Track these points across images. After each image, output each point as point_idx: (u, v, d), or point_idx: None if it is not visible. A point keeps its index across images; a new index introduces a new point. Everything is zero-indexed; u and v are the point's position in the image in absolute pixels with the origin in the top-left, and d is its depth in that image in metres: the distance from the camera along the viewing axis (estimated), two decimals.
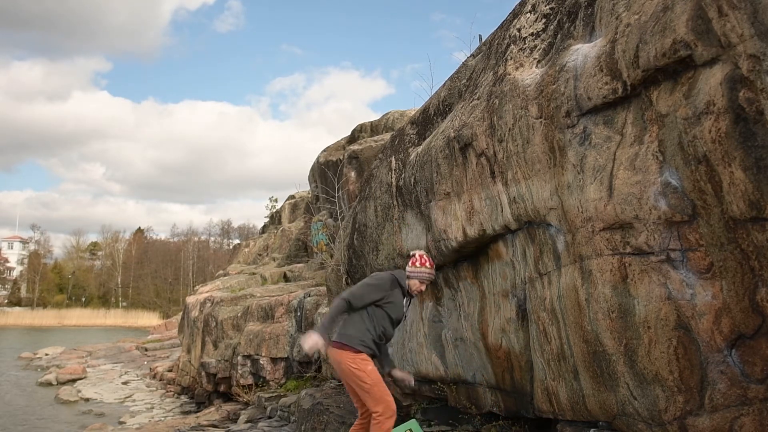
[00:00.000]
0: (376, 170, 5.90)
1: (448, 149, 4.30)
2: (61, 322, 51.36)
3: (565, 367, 3.37)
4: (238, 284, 14.16)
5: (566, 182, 3.16)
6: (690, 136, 2.49)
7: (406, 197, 5.05)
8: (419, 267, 3.94)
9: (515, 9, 4.15)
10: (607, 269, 2.94)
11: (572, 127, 3.10)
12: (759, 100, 2.23)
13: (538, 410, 3.77)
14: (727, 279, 2.49)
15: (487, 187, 3.91)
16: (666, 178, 2.63)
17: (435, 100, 5.25)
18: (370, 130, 13.90)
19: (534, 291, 3.61)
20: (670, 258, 2.66)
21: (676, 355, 2.67)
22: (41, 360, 22.31)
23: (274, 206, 24.38)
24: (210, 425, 8.62)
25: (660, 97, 2.65)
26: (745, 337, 2.48)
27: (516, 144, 3.53)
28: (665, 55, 2.52)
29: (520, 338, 3.87)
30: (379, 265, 5.60)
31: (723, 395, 2.56)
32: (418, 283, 3.95)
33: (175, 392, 13.71)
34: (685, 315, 2.63)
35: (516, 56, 3.76)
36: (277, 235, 18.48)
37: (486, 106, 3.89)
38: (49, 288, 63.52)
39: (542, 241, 3.48)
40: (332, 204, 12.58)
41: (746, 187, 2.31)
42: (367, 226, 5.82)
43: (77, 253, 71.40)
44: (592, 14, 3.19)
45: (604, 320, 2.97)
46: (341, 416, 5.86)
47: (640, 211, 2.74)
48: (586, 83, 2.98)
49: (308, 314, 9.47)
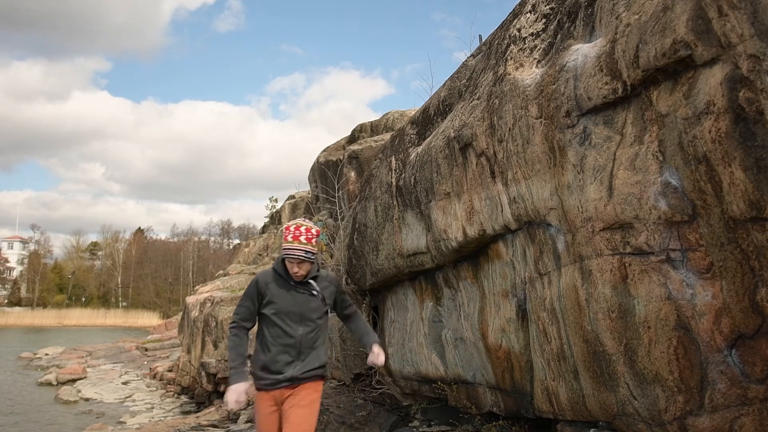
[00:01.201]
0: (376, 170, 5.90)
1: (448, 149, 4.30)
2: (61, 322, 51.38)
3: (565, 367, 3.37)
4: (238, 284, 14.16)
5: (566, 182, 3.16)
6: (690, 136, 2.49)
7: (406, 197, 5.05)
8: (285, 243, 3.20)
9: (515, 9, 4.15)
10: (607, 269, 2.94)
11: (572, 127, 3.10)
12: (759, 100, 2.23)
13: (538, 410, 3.77)
14: (727, 279, 2.49)
15: (487, 187, 3.91)
16: (666, 178, 2.63)
17: (435, 100, 5.25)
18: (370, 130, 13.90)
19: (534, 291, 3.61)
20: (670, 258, 2.66)
21: (676, 355, 2.67)
22: (41, 360, 22.33)
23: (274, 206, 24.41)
24: (210, 425, 8.62)
25: (660, 97, 2.65)
26: (745, 337, 2.48)
27: (516, 144, 3.53)
28: (665, 55, 2.52)
29: (520, 338, 3.87)
30: (379, 265, 5.60)
31: (723, 395, 2.56)
32: (290, 264, 3.19)
33: (175, 392, 13.72)
34: (685, 315, 2.63)
35: (516, 56, 3.76)
36: (277, 235, 18.48)
37: (486, 106, 3.89)
38: (49, 288, 63.52)
39: (542, 241, 3.48)
40: (332, 204, 12.57)
41: (746, 187, 2.31)
42: (367, 226, 5.82)
43: (77, 253, 71.43)
44: (592, 14, 3.19)
45: (604, 320, 2.97)
46: (341, 416, 5.85)
47: (640, 211, 2.74)
48: (586, 83, 2.98)
49: None
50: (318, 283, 3.30)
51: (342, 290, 3.51)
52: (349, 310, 3.52)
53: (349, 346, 6.93)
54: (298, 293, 3.25)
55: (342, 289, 3.51)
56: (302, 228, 3.22)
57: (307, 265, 3.22)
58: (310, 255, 3.20)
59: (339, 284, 3.49)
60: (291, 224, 3.25)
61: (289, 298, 3.23)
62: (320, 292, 3.29)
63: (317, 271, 3.33)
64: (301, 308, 3.24)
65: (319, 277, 3.32)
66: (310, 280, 3.27)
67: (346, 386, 6.95)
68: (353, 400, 6.27)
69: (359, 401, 6.23)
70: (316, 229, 3.27)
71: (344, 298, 3.52)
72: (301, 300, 3.25)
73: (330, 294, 3.37)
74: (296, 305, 3.23)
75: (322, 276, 3.36)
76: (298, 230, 3.20)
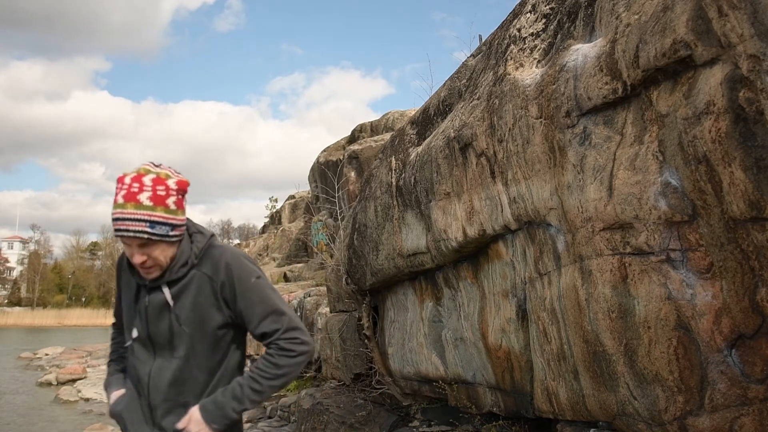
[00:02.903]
0: (376, 170, 5.90)
1: (448, 149, 4.30)
2: (61, 322, 51.36)
3: (565, 367, 3.37)
4: None
5: (566, 182, 3.16)
6: (690, 136, 2.49)
7: (406, 197, 5.05)
8: (114, 207, 1.75)
9: (515, 9, 4.15)
10: (607, 269, 2.94)
11: (572, 127, 3.10)
12: (759, 100, 2.23)
13: (538, 410, 3.77)
14: (727, 279, 2.49)
15: (487, 187, 3.91)
16: (666, 178, 2.63)
17: (435, 100, 5.25)
18: (370, 130, 13.92)
19: (534, 291, 3.61)
20: (670, 258, 2.66)
21: (676, 355, 2.66)
22: (41, 360, 22.32)
23: (274, 206, 24.41)
24: None
25: (660, 97, 2.65)
26: (745, 337, 2.48)
27: (516, 144, 3.53)
28: (665, 55, 2.52)
29: (520, 338, 3.87)
30: (379, 265, 5.60)
31: (723, 395, 2.56)
32: (126, 248, 1.81)
33: None
34: (685, 315, 2.63)
35: (516, 56, 3.76)
36: (277, 235, 18.48)
37: (486, 106, 3.89)
38: (49, 288, 63.55)
39: (542, 241, 3.48)
40: (332, 204, 12.57)
41: (746, 187, 2.31)
42: (367, 226, 5.82)
43: (77, 253, 71.47)
44: (592, 14, 3.19)
45: (604, 320, 2.97)
46: (341, 416, 5.86)
47: (640, 211, 2.74)
48: (586, 83, 2.98)
49: (308, 314, 9.47)
50: (184, 284, 1.83)
51: (248, 289, 1.85)
52: (268, 337, 1.86)
53: (349, 346, 6.93)
54: (150, 300, 1.85)
55: (249, 287, 1.85)
56: (147, 178, 1.74)
57: (160, 248, 1.76)
58: (163, 228, 1.73)
59: (239, 279, 1.86)
60: (127, 174, 1.77)
61: (135, 308, 1.90)
62: (175, 303, 1.82)
63: (195, 259, 1.85)
64: (152, 328, 1.85)
65: (192, 275, 1.84)
66: (165, 286, 1.83)
67: (346, 386, 6.95)
68: (353, 400, 6.27)
69: (359, 401, 6.23)
70: (179, 179, 1.80)
71: (250, 307, 1.85)
72: (153, 313, 1.84)
73: (206, 304, 1.84)
74: (143, 322, 1.86)
75: (204, 267, 1.86)
76: (138, 183, 1.73)
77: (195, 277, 1.86)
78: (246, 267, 1.90)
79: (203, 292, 1.85)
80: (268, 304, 1.87)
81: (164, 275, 1.84)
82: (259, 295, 1.87)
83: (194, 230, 1.91)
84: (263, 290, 1.88)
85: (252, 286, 1.86)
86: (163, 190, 1.76)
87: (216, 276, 1.86)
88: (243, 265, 1.89)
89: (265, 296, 1.87)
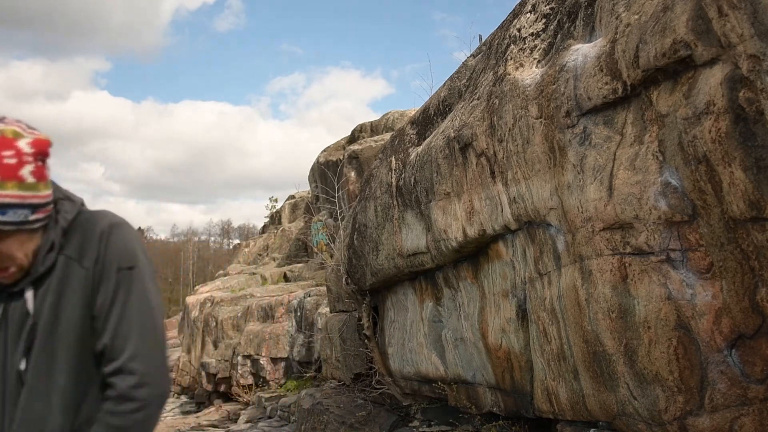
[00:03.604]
0: (376, 170, 5.90)
1: (448, 149, 4.30)
2: None
3: (565, 367, 3.37)
4: (238, 284, 14.18)
5: (566, 182, 3.16)
6: (690, 136, 2.49)
7: (406, 197, 5.05)
8: None
9: (515, 9, 4.15)
10: (607, 269, 2.94)
11: (572, 127, 3.10)
12: (759, 100, 2.23)
13: (538, 410, 3.77)
14: (727, 279, 2.49)
15: (487, 187, 3.91)
16: (666, 178, 2.63)
17: (435, 100, 5.25)
18: (370, 130, 13.92)
19: (534, 291, 3.61)
20: (670, 258, 2.66)
21: (676, 355, 2.66)
22: None
23: (274, 206, 24.36)
24: (210, 425, 8.63)
25: (660, 97, 2.65)
26: (745, 337, 2.48)
27: (516, 144, 3.53)
28: (665, 55, 2.52)
29: (520, 338, 3.87)
30: (379, 265, 5.61)
31: (723, 395, 2.56)
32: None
33: (175, 392, 13.72)
34: (685, 315, 2.63)
35: (516, 56, 3.76)
36: (277, 235, 18.49)
37: (486, 106, 3.89)
38: None
39: (542, 241, 3.48)
40: (332, 204, 12.57)
41: (746, 187, 2.31)
42: (367, 226, 5.82)
43: None
44: (592, 14, 3.19)
45: (604, 320, 2.97)
46: (341, 416, 5.86)
47: (640, 211, 2.74)
48: (586, 83, 2.98)
49: (308, 314, 9.47)
50: (49, 280, 1.31)
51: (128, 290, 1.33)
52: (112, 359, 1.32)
53: (349, 346, 6.93)
54: (8, 312, 1.32)
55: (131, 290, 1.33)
56: None
57: (16, 241, 1.26)
58: (17, 213, 1.24)
59: (130, 276, 1.34)
60: None
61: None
62: (37, 311, 1.30)
63: (61, 238, 1.34)
64: (12, 347, 1.31)
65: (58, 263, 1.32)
66: (28, 288, 1.31)
67: (346, 386, 6.95)
68: (353, 400, 6.27)
69: (359, 401, 6.23)
70: (36, 138, 1.29)
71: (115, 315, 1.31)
72: (14, 331, 1.31)
73: (72, 304, 1.30)
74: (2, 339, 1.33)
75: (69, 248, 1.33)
76: None
77: (60, 264, 1.31)
78: (129, 242, 1.36)
79: (70, 286, 1.30)
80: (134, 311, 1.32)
81: (29, 272, 1.30)
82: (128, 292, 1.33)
83: (60, 196, 1.36)
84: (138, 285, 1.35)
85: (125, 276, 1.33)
86: (12, 157, 1.21)
87: (84, 256, 1.30)
88: (125, 237, 1.36)
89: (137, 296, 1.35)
